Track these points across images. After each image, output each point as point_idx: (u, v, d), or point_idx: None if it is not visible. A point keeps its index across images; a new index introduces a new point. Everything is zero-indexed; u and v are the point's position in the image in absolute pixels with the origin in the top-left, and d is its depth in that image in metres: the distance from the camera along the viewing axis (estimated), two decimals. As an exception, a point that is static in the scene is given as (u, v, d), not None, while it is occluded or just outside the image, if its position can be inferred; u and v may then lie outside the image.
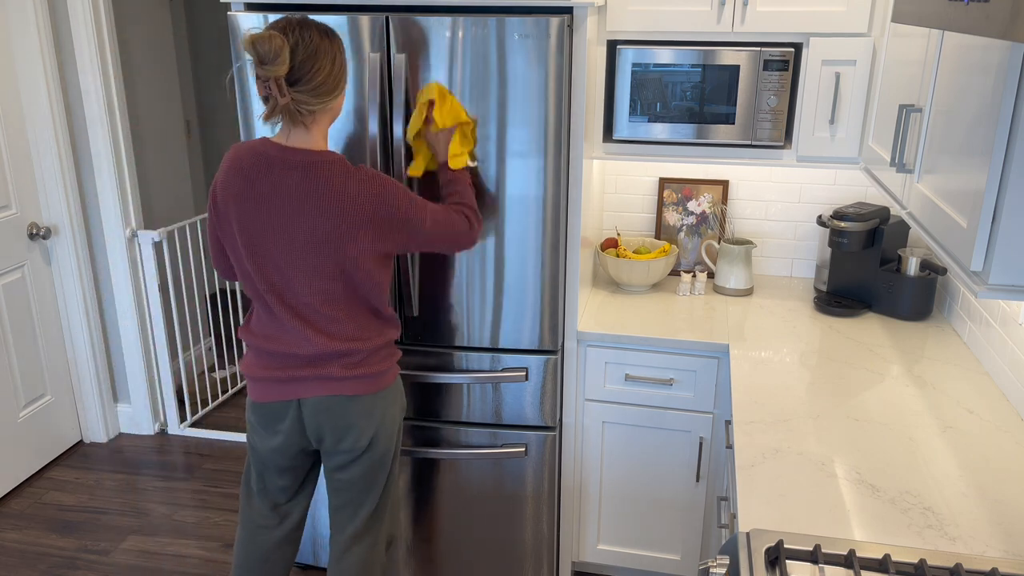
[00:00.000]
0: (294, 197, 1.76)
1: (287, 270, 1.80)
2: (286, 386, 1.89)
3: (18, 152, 3.11)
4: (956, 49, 1.42)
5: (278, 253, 1.79)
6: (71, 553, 2.83)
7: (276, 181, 1.76)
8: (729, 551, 1.44)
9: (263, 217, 1.78)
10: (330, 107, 1.80)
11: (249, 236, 1.80)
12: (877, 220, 2.43)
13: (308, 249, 1.77)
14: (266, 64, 1.66)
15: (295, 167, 1.76)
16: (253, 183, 1.78)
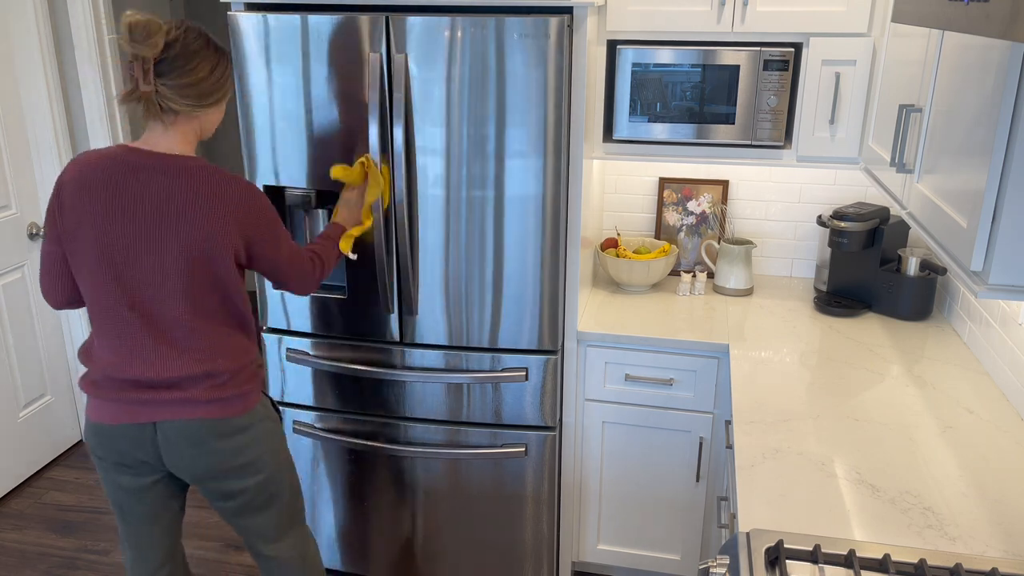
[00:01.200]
0: (162, 204, 1.65)
1: (160, 285, 1.68)
2: (140, 408, 1.73)
3: (18, 152, 3.11)
4: (956, 49, 1.42)
5: (148, 268, 1.67)
6: (71, 553, 2.83)
7: (139, 189, 1.65)
8: (729, 551, 1.44)
9: (128, 230, 1.66)
10: (197, 115, 1.72)
11: (110, 253, 1.67)
12: (877, 220, 2.43)
13: (183, 259, 1.67)
14: (135, 41, 1.59)
15: (159, 171, 1.66)
16: (112, 194, 1.65)
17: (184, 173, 1.67)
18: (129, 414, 1.75)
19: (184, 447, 1.76)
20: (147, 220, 1.66)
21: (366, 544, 2.60)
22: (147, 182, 1.66)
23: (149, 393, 1.73)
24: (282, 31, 2.11)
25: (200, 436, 1.76)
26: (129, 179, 1.66)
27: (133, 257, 1.67)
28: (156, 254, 1.67)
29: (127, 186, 1.66)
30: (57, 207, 1.70)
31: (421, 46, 2.06)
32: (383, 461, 2.48)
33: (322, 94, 2.14)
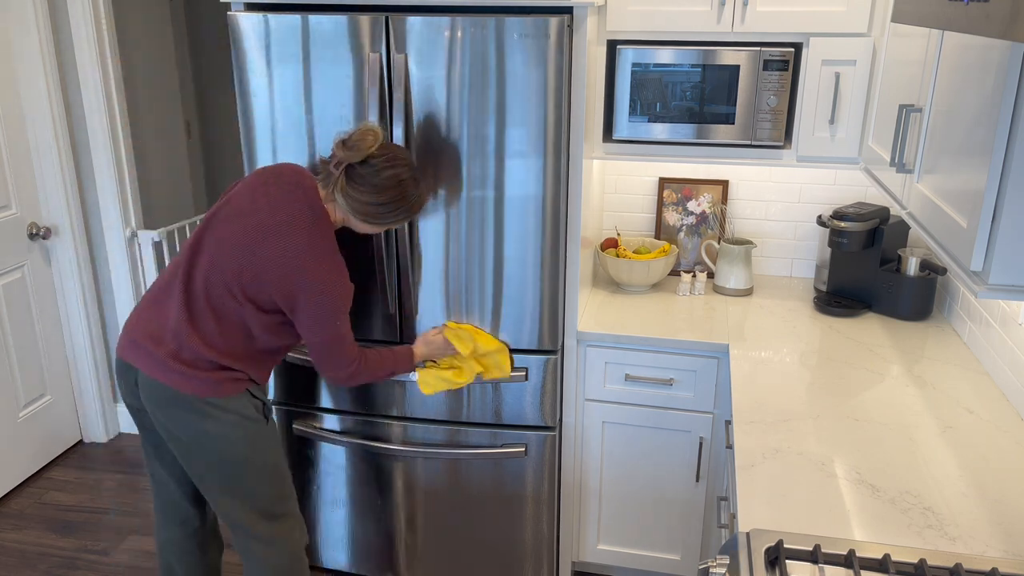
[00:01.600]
0: (262, 223, 1.90)
1: (216, 274, 1.91)
2: (133, 350, 1.95)
3: (18, 152, 3.11)
4: (956, 49, 1.42)
5: (219, 255, 1.91)
6: (71, 553, 2.83)
7: (265, 203, 1.92)
8: (729, 551, 1.44)
9: (232, 225, 1.93)
10: (348, 217, 1.96)
11: (214, 218, 1.96)
12: (877, 220, 2.43)
13: (240, 272, 1.89)
14: (344, 147, 1.88)
15: (287, 205, 1.92)
16: (248, 196, 1.95)
17: (294, 223, 1.89)
18: (127, 350, 1.96)
19: (148, 400, 1.94)
20: (244, 226, 1.91)
21: (366, 544, 2.60)
22: (272, 202, 1.92)
23: (145, 341, 1.93)
24: (282, 31, 2.12)
25: (158, 396, 1.92)
26: (267, 189, 1.94)
27: (217, 243, 1.93)
28: (230, 252, 1.90)
29: (259, 194, 1.94)
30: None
31: (421, 46, 2.06)
32: (383, 461, 2.48)
33: (322, 94, 2.14)
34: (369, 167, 1.90)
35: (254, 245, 1.88)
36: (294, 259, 1.87)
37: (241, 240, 1.89)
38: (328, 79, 2.13)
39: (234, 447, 1.95)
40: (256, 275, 1.88)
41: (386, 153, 1.92)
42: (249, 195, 1.94)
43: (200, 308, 1.91)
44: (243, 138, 2.25)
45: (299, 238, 1.88)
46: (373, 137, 1.89)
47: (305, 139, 2.20)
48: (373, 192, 1.91)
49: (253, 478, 2.00)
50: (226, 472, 1.98)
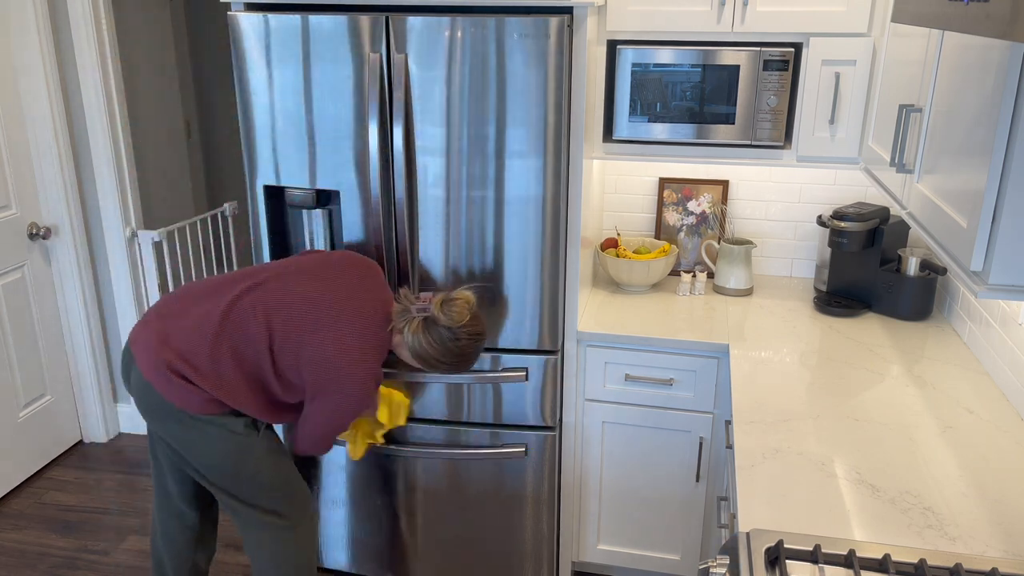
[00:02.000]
0: (313, 294, 1.95)
1: (283, 287, 1.95)
2: (138, 332, 1.96)
3: (18, 152, 3.11)
4: (956, 49, 1.42)
5: (280, 299, 1.95)
6: (71, 553, 2.83)
7: (332, 274, 2.01)
8: (729, 551, 1.44)
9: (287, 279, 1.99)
10: (402, 350, 1.99)
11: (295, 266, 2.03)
12: (877, 220, 2.43)
13: (282, 322, 1.92)
14: (442, 310, 1.94)
15: (345, 288, 1.99)
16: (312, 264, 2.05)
17: (344, 312, 1.93)
18: (136, 334, 1.97)
19: (137, 399, 1.96)
20: (321, 292, 1.96)
21: (366, 544, 2.60)
22: (334, 276, 1.99)
23: (151, 324, 1.95)
24: (282, 31, 2.12)
25: (147, 400, 1.93)
26: (362, 279, 2.03)
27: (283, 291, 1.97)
28: (291, 307, 1.94)
29: (352, 275, 2.02)
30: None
31: (421, 46, 2.06)
32: (383, 461, 2.48)
33: (322, 94, 2.14)
34: (451, 331, 1.95)
35: (320, 318, 1.90)
36: (341, 354, 1.90)
37: (309, 305, 1.92)
38: (328, 79, 2.13)
39: (221, 459, 1.96)
40: (298, 345, 1.90)
41: (472, 325, 1.97)
42: (342, 269, 2.00)
43: (225, 337, 1.91)
44: (243, 138, 2.25)
45: (353, 338, 1.91)
46: (469, 315, 1.95)
47: (305, 139, 2.20)
48: (443, 351, 1.96)
49: (247, 485, 2.00)
50: (216, 477, 1.99)
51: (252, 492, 2.02)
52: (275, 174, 2.26)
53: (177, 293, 2.02)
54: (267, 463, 2.02)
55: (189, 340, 1.90)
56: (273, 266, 2.03)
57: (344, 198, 2.23)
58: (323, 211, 2.31)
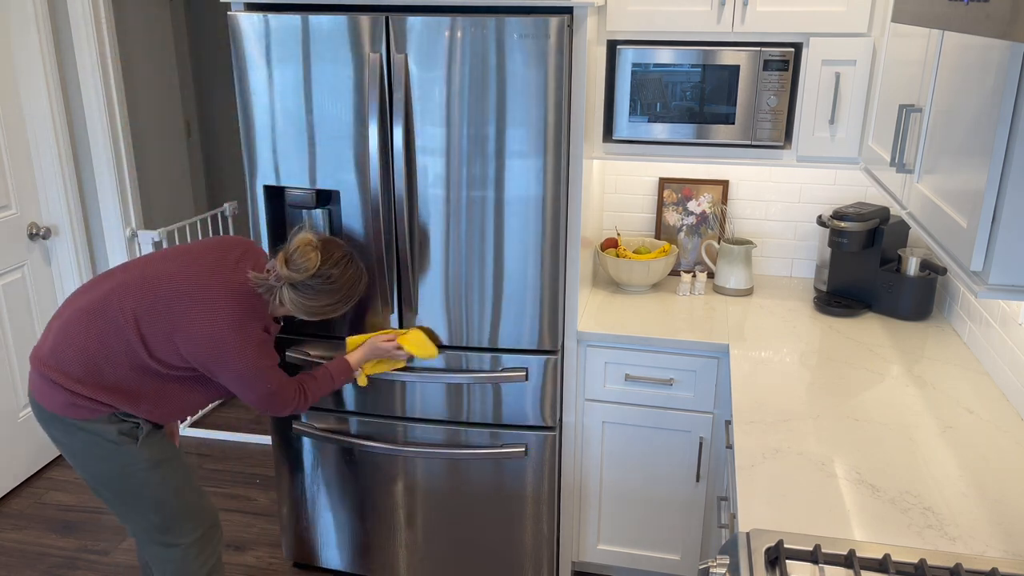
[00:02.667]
0: (174, 278, 1.91)
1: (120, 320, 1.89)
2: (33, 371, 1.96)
3: (18, 152, 3.11)
4: (956, 49, 1.42)
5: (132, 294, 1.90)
6: (71, 553, 2.83)
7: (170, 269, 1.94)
8: (729, 551, 1.44)
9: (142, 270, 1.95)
10: (300, 315, 1.98)
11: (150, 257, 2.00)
12: (877, 220, 2.43)
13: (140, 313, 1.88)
14: (288, 267, 1.89)
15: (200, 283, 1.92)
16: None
17: (209, 288, 1.89)
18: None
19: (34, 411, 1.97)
20: (174, 272, 1.93)
21: (366, 544, 2.60)
22: (194, 258, 1.96)
23: (40, 343, 1.96)
24: (282, 31, 2.12)
25: (37, 411, 1.95)
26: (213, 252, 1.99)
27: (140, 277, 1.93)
28: (150, 291, 1.90)
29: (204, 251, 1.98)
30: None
31: (421, 46, 2.06)
32: (383, 461, 2.48)
33: (322, 94, 2.14)
34: (316, 278, 1.92)
35: (183, 298, 1.87)
36: (215, 327, 1.87)
37: (171, 286, 1.88)
38: (328, 79, 2.13)
39: (99, 468, 1.92)
40: (169, 327, 1.87)
41: (329, 259, 1.92)
42: (204, 249, 1.96)
43: (93, 331, 1.88)
44: (243, 138, 2.25)
45: (223, 311, 1.88)
46: (315, 254, 1.89)
47: (305, 139, 2.20)
48: (324, 296, 1.94)
49: (132, 499, 1.96)
50: (100, 488, 1.96)
51: (140, 507, 1.96)
52: (275, 174, 2.26)
53: (67, 298, 2.01)
54: (153, 476, 1.95)
55: (57, 340, 1.89)
56: (139, 258, 2.00)
57: (344, 198, 2.23)
58: (323, 211, 2.31)
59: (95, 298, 1.91)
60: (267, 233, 2.33)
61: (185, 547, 2.04)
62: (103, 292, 1.91)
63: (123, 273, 1.94)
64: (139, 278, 1.91)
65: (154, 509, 1.98)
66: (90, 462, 1.93)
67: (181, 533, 2.03)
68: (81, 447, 1.91)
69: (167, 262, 1.94)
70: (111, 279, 1.94)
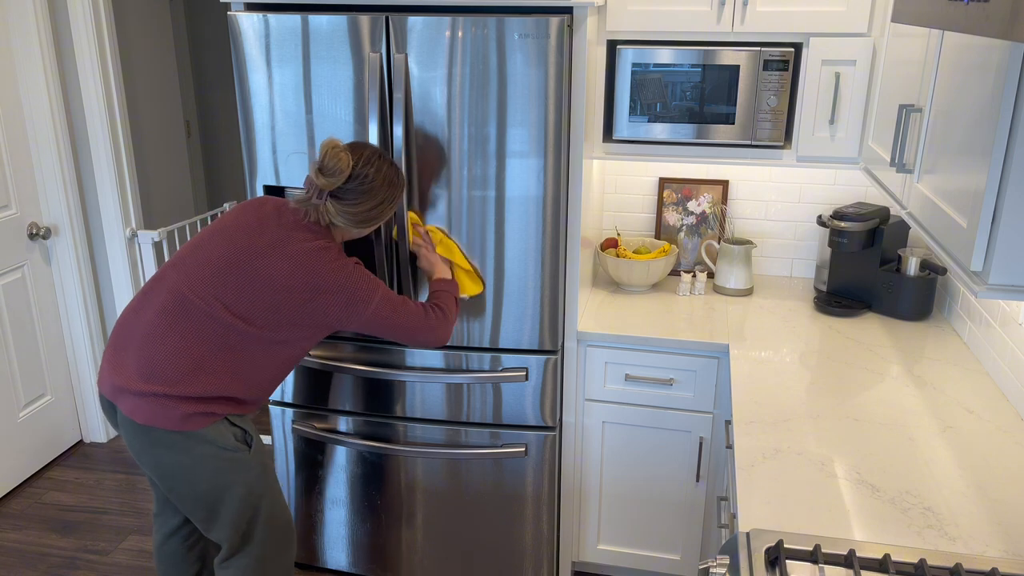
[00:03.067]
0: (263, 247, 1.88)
1: (215, 278, 1.86)
2: (109, 377, 1.90)
3: (18, 152, 3.11)
4: (956, 49, 1.42)
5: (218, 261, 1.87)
6: (71, 553, 2.83)
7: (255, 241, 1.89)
8: (729, 551, 1.44)
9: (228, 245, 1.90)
10: (349, 231, 1.95)
11: (198, 244, 1.93)
12: (877, 220, 2.43)
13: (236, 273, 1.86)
14: (323, 174, 1.83)
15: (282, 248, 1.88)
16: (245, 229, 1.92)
17: (270, 237, 1.88)
18: (106, 385, 1.91)
19: (122, 429, 1.90)
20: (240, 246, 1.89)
21: (366, 544, 2.60)
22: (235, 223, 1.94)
23: (116, 373, 1.88)
24: (282, 31, 2.12)
25: (129, 428, 1.87)
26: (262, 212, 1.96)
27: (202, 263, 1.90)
28: (224, 271, 1.87)
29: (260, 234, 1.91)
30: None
31: (421, 46, 2.06)
32: (383, 461, 2.48)
33: (322, 94, 2.14)
34: (354, 180, 1.87)
35: (253, 254, 1.84)
36: (309, 260, 1.84)
37: (239, 257, 1.85)
38: (328, 79, 2.13)
39: (212, 481, 1.88)
40: (252, 282, 1.83)
41: (360, 159, 1.88)
42: (237, 215, 1.93)
43: (170, 332, 1.83)
44: (243, 138, 2.25)
45: (304, 253, 1.86)
46: (345, 154, 1.84)
47: (305, 139, 2.20)
48: (368, 199, 1.88)
49: (229, 512, 1.93)
50: (201, 501, 1.91)
51: (231, 515, 1.94)
52: (275, 174, 2.26)
53: (117, 324, 1.95)
54: (259, 484, 1.95)
55: (147, 354, 1.83)
56: (183, 255, 1.93)
57: (344, 198, 2.23)
58: (323, 211, 2.31)
59: (165, 302, 1.85)
60: (267, 233, 2.33)
61: (272, 539, 2.03)
62: (171, 294, 1.86)
63: (175, 272, 1.89)
64: (199, 265, 1.86)
65: (246, 516, 1.96)
66: (202, 477, 1.87)
67: (263, 546, 2.01)
68: (193, 463, 1.85)
69: (216, 243, 1.89)
70: (165, 282, 1.89)
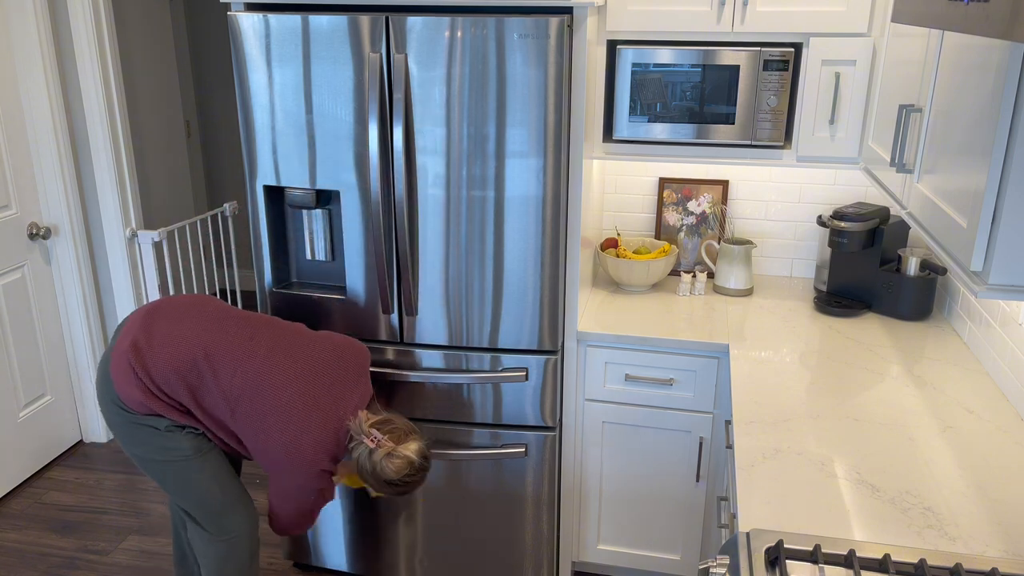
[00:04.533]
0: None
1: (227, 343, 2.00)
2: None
3: (18, 152, 3.11)
4: (956, 49, 1.42)
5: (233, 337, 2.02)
6: (71, 553, 2.83)
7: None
8: (729, 551, 1.44)
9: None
10: (350, 464, 2.03)
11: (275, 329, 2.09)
12: (877, 220, 2.43)
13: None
14: (389, 471, 1.95)
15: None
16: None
17: (310, 420, 1.99)
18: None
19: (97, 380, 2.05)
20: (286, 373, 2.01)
21: (366, 544, 2.60)
22: (313, 373, 2.04)
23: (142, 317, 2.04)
24: (282, 31, 2.12)
25: (102, 377, 2.01)
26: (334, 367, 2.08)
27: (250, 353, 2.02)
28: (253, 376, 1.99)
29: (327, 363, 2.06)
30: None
31: (421, 46, 2.06)
32: (383, 461, 2.48)
33: (322, 94, 2.14)
34: (391, 483, 1.98)
35: (287, 417, 1.93)
36: (293, 454, 1.94)
37: (281, 400, 1.94)
38: (328, 79, 2.13)
39: (144, 454, 2.01)
40: (258, 427, 1.94)
41: (411, 475, 1.98)
42: (317, 352, 2.02)
43: (191, 375, 1.95)
44: (243, 138, 2.25)
45: (308, 445, 1.95)
46: (408, 468, 1.96)
47: (305, 139, 2.20)
48: (385, 484, 1.98)
49: (170, 482, 2.04)
50: (144, 466, 2.04)
51: (186, 492, 2.05)
52: (275, 174, 2.26)
53: (185, 301, 2.07)
54: (195, 465, 2.04)
55: (154, 348, 1.95)
56: (270, 335, 2.03)
57: (344, 198, 2.23)
58: (323, 211, 2.31)
59: (214, 347, 1.98)
60: (267, 233, 2.33)
61: (236, 517, 2.11)
62: (225, 348, 1.97)
63: (250, 347, 1.99)
64: (262, 370, 1.97)
65: (193, 497, 2.07)
66: (132, 448, 2.04)
67: (231, 508, 2.11)
68: (127, 434, 2.02)
69: (292, 369, 1.99)
70: (240, 338, 2.00)
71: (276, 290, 2.38)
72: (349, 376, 2.03)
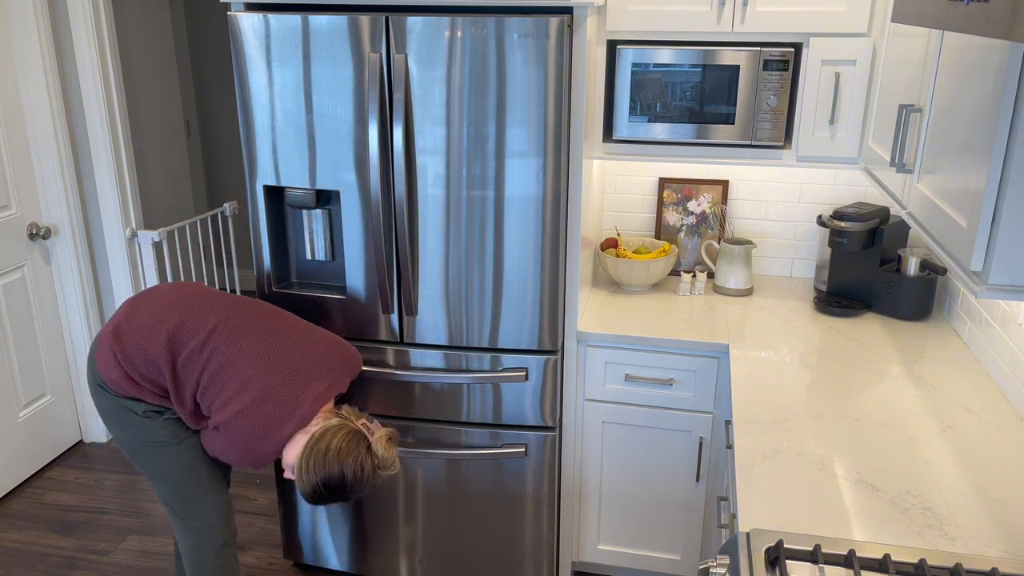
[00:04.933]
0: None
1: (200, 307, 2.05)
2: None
3: (18, 152, 3.11)
4: (956, 49, 1.42)
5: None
6: (71, 553, 2.83)
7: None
8: (729, 551, 1.44)
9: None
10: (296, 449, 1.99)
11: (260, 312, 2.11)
12: (877, 220, 2.43)
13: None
14: (382, 454, 1.96)
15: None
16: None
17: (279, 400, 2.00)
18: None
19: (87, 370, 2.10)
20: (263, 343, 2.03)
21: (366, 544, 2.60)
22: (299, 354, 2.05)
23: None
24: (282, 31, 2.12)
25: (90, 361, 2.07)
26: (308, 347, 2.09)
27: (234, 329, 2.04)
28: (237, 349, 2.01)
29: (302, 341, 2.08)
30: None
31: (421, 46, 2.06)
32: (383, 461, 2.48)
33: (322, 94, 2.14)
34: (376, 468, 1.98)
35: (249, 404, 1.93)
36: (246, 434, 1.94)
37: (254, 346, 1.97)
38: (328, 79, 2.13)
39: (123, 435, 2.08)
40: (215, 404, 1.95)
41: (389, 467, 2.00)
42: (297, 334, 2.04)
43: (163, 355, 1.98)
44: (243, 138, 2.25)
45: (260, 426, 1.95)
46: (393, 467, 1.99)
47: (305, 139, 2.20)
48: (350, 476, 1.94)
49: (147, 465, 2.10)
50: (123, 446, 2.10)
51: (159, 475, 2.10)
52: (275, 174, 2.26)
53: (175, 285, 2.13)
54: (170, 452, 2.08)
55: (133, 329, 2.01)
56: (248, 313, 2.05)
57: (344, 198, 2.23)
58: (323, 211, 2.31)
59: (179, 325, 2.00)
60: (267, 233, 2.33)
61: (205, 505, 2.14)
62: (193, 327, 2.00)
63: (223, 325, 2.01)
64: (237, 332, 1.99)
65: (165, 480, 2.11)
66: (114, 431, 2.08)
67: (202, 496, 2.14)
68: (110, 416, 2.08)
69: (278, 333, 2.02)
70: (211, 315, 2.02)
71: (276, 290, 2.38)
72: (326, 368, 2.03)
